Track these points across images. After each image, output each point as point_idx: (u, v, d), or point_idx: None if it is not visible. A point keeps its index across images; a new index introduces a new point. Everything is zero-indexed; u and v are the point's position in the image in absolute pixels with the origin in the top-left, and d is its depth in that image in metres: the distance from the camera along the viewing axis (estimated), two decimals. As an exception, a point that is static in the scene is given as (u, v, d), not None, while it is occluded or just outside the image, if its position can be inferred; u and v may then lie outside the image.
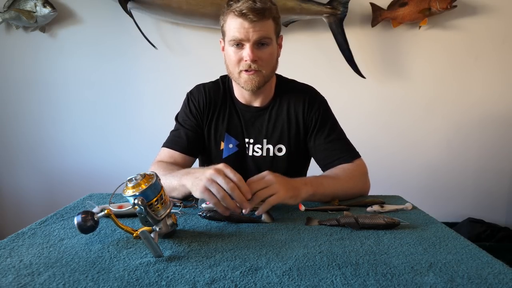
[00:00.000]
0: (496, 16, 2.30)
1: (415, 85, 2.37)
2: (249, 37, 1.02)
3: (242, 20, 1.01)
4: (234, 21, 1.03)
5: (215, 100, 1.19)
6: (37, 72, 2.32)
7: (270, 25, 1.05)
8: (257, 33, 1.02)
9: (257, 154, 1.18)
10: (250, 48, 1.03)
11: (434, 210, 1.32)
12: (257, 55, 1.04)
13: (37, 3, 2.15)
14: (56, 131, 2.38)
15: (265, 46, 1.05)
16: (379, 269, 0.61)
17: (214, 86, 1.21)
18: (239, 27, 1.02)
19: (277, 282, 0.56)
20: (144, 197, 0.69)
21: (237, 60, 1.06)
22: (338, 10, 2.20)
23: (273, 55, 1.09)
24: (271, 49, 1.07)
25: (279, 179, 0.88)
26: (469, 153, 2.43)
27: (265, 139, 1.18)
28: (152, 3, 2.13)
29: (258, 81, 1.08)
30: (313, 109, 1.18)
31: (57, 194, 2.40)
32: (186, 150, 1.16)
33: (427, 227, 0.83)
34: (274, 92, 1.20)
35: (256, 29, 1.01)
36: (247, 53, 1.03)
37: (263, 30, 1.02)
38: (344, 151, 1.16)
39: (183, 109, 1.22)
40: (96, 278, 0.57)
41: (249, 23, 1.01)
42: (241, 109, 1.19)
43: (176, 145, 1.16)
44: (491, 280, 0.57)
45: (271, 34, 1.06)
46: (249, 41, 1.02)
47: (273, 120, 1.18)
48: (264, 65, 1.07)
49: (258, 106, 1.19)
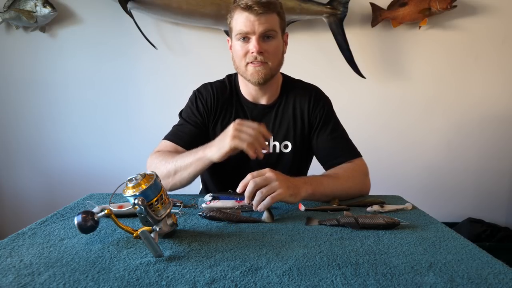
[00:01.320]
0: (496, 16, 2.30)
1: (415, 85, 2.37)
2: (255, 29, 1.05)
3: (248, 13, 1.04)
4: (240, 15, 1.06)
5: (222, 99, 1.20)
6: (37, 72, 2.32)
7: (275, 19, 1.08)
8: (263, 26, 1.05)
9: (264, 151, 1.19)
10: (256, 40, 1.06)
11: (434, 210, 1.32)
12: (263, 47, 1.07)
13: (37, 3, 2.15)
14: (56, 131, 2.38)
15: (270, 39, 1.08)
16: (379, 269, 0.61)
17: (221, 85, 1.23)
18: (245, 20, 1.05)
19: (277, 282, 0.56)
20: (144, 197, 0.69)
21: (244, 53, 1.08)
22: (338, 10, 2.20)
23: (278, 48, 1.11)
24: (277, 42, 1.10)
25: (280, 177, 0.89)
26: (469, 153, 2.43)
27: (271, 136, 1.19)
28: (152, 3, 2.13)
29: (265, 73, 1.09)
30: (318, 107, 1.20)
31: (57, 194, 2.40)
32: (189, 145, 1.15)
33: (427, 227, 0.83)
34: (280, 90, 1.22)
35: (262, 21, 1.04)
36: (253, 45, 1.06)
37: (268, 23, 1.05)
38: (345, 150, 1.18)
39: (189, 105, 1.22)
40: (96, 278, 0.57)
41: (254, 16, 1.04)
42: (248, 106, 1.20)
43: (179, 139, 1.16)
44: (491, 280, 0.57)
45: (277, 27, 1.08)
46: (255, 33, 1.05)
47: (279, 118, 1.20)
48: (271, 57, 1.09)
49: (265, 104, 1.20)
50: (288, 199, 0.90)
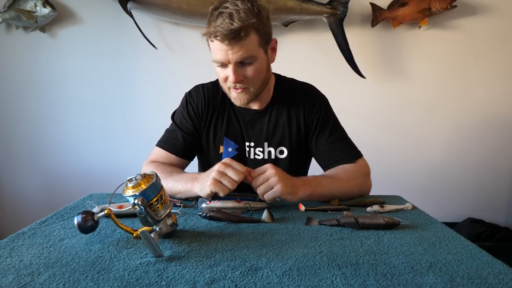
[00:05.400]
0: (496, 16, 2.30)
1: (415, 85, 2.37)
2: (229, 59, 0.98)
3: (219, 42, 0.97)
4: (213, 43, 0.99)
5: (214, 102, 1.16)
6: (37, 72, 2.32)
7: (251, 41, 0.98)
8: (237, 55, 0.97)
9: (259, 157, 1.17)
10: (233, 69, 0.99)
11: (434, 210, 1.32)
12: (242, 74, 1.01)
13: (37, 3, 2.15)
14: (56, 131, 2.38)
15: (248, 64, 1.01)
16: (379, 269, 0.61)
17: (213, 88, 1.18)
18: (219, 50, 0.98)
19: (277, 282, 0.56)
20: (144, 197, 0.69)
21: (224, 78, 1.04)
22: (338, 10, 2.20)
23: (260, 70, 1.04)
24: (257, 65, 1.02)
25: (280, 174, 0.92)
26: (469, 153, 2.43)
27: (266, 142, 1.16)
28: (152, 3, 2.13)
29: (247, 97, 1.06)
30: (314, 109, 1.16)
31: (57, 194, 2.40)
32: (183, 154, 1.16)
33: (427, 227, 0.83)
34: (273, 93, 1.17)
35: (235, 50, 0.97)
36: (230, 74, 1.00)
37: (243, 51, 0.97)
38: (346, 152, 1.15)
39: (181, 110, 1.20)
40: (96, 278, 0.57)
41: (227, 46, 0.96)
42: (240, 112, 1.17)
43: (172, 147, 1.15)
44: (491, 280, 0.57)
45: (254, 50, 1.00)
46: (230, 62, 0.99)
47: (273, 122, 1.16)
48: (251, 82, 1.04)
49: (257, 109, 1.16)
50: (286, 196, 0.91)
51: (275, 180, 0.90)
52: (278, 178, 0.90)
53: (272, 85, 1.18)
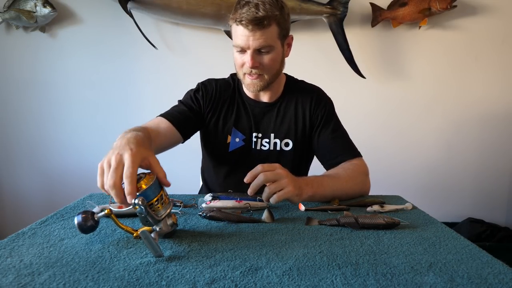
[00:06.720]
0: (496, 16, 2.30)
1: (415, 85, 2.37)
2: (249, 45, 1.05)
3: (243, 28, 1.04)
4: (237, 28, 1.06)
5: (225, 95, 1.23)
6: (37, 72, 2.33)
7: (272, 31, 1.06)
8: (257, 42, 1.04)
9: (265, 148, 1.22)
10: (251, 55, 1.06)
11: (434, 210, 1.33)
12: (258, 61, 1.08)
13: (37, 3, 2.15)
14: (56, 131, 2.38)
15: (266, 53, 1.08)
16: (379, 269, 0.61)
17: (225, 83, 1.25)
18: (241, 35, 1.05)
19: (277, 282, 0.56)
20: (144, 197, 0.69)
21: (241, 64, 1.10)
22: (338, 10, 2.20)
23: (275, 60, 1.11)
24: (274, 55, 1.09)
25: (290, 175, 0.91)
26: (469, 153, 2.43)
27: (272, 134, 1.22)
28: (152, 3, 2.13)
29: (261, 85, 1.12)
30: (319, 106, 1.22)
31: (57, 194, 2.40)
32: (175, 122, 1.14)
33: (427, 227, 0.83)
34: (283, 90, 1.24)
35: (256, 37, 1.04)
36: (248, 59, 1.07)
37: (263, 39, 1.04)
38: (345, 149, 1.19)
39: (190, 93, 1.24)
40: (96, 278, 0.57)
41: (249, 32, 1.03)
42: (250, 104, 1.23)
43: (168, 114, 1.17)
44: (491, 280, 0.57)
45: (273, 40, 1.07)
46: (250, 48, 1.06)
47: (281, 116, 1.22)
48: (266, 70, 1.10)
49: (267, 102, 1.22)
50: (294, 198, 0.91)
51: (286, 182, 0.88)
52: (288, 180, 0.89)
53: (283, 82, 1.25)
